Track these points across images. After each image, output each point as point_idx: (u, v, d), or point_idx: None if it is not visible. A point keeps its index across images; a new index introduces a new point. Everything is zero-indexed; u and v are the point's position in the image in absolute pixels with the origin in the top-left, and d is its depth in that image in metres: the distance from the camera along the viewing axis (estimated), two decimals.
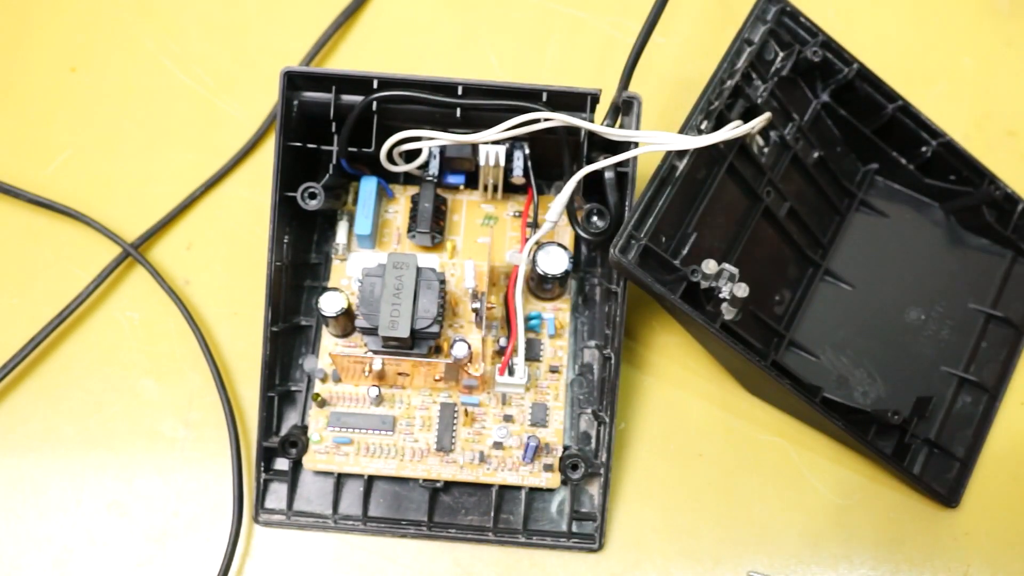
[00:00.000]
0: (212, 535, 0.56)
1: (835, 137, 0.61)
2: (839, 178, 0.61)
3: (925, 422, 0.58)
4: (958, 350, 0.60)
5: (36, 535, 0.56)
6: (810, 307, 0.59)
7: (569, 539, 0.56)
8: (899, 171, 0.61)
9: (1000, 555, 0.57)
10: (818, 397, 0.55)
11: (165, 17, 0.66)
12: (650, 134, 0.52)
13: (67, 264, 0.61)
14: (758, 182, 0.57)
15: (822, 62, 0.57)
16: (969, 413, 0.59)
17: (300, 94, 0.55)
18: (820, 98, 0.59)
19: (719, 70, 0.54)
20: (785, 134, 0.58)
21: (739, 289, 0.51)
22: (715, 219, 0.55)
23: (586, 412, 0.57)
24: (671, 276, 0.52)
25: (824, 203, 0.61)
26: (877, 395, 0.58)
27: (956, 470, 0.58)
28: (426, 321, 0.52)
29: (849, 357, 0.59)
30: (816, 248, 0.60)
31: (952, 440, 0.59)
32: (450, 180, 0.58)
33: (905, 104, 0.59)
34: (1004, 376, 0.60)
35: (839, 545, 0.57)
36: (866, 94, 0.59)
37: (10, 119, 0.64)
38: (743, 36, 0.55)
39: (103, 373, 0.59)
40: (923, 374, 0.59)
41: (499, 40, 0.66)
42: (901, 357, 0.59)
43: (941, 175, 0.61)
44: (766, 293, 0.58)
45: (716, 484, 0.58)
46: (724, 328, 0.52)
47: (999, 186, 0.60)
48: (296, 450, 0.55)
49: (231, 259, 0.61)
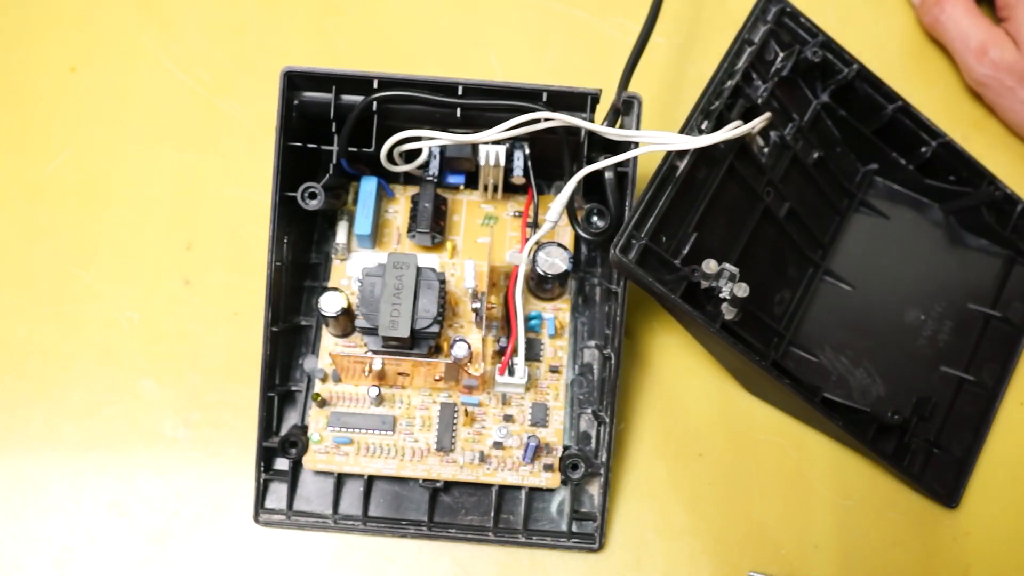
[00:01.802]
0: (212, 535, 0.56)
1: (835, 137, 0.61)
2: (839, 178, 0.61)
3: (925, 422, 0.58)
4: (958, 350, 0.60)
5: (36, 535, 0.56)
6: (810, 307, 0.59)
7: (569, 539, 0.56)
8: (899, 171, 0.61)
9: (1000, 555, 0.57)
10: (818, 397, 0.55)
11: (165, 17, 0.66)
12: (650, 134, 0.52)
13: (67, 264, 0.61)
14: (758, 182, 0.57)
15: (822, 62, 0.57)
16: (969, 413, 0.59)
17: (300, 94, 0.55)
18: (820, 98, 0.59)
19: (719, 70, 0.54)
20: (785, 134, 0.58)
21: (739, 289, 0.51)
22: (715, 219, 0.55)
23: (586, 412, 0.57)
24: (671, 276, 0.52)
25: (824, 203, 0.61)
26: (877, 395, 0.58)
27: (956, 470, 0.58)
28: (426, 321, 0.52)
29: (849, 357, 0.59)
30: (816, 248, 0.60)
31: (952, 440, 0.59)
32: (450, 180, 0.58)
33: (905, 104, 0.59)
34: (1003, 376, 0.60)
35: (839, 545, 0.57)
36: (866, 94, 0.59)
37: (10, 119, 0.64)
38: (743, 36, 0.55)
39: (103, 373, 0.59)
40: (923, 374, 0.59)
41: (499, 40, 0.66)
42: (901, 357, 0.59)
43: (941, 175, 0.61)
44: (766, 293, 0.58)
45: (716, 484, 0.58)
46: (724, 328, 0.52)
47: (998, 187, 0.60)
48: (296, 450, 0.55)
49: (231, 259, 0.61)
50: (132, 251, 0.61)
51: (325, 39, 0.66)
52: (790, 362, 0.57)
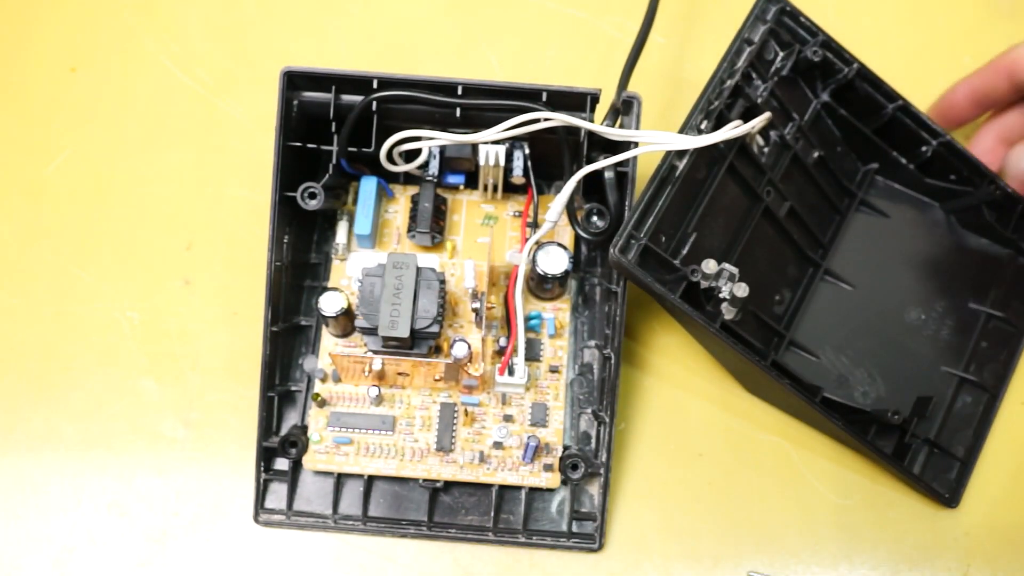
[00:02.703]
0: (212, 535, 0.56)
1: (835, 137, 0.61)
2: (839, 178, 0.61)
3: (925, 422, 0.58)
4: (958, 350, 0.60)
5: (36, 535, 0.56)
6: (810, 307, 0.59)
7: (569, 539, 0.56)
8: (899, 171, 0.61)
9: (1000, 555, 0.57)
10: (818, 397, 0.55)
11: (165, 17, 0.66)
12: (650, 134, 0.52)
13: (67, 264, 0.61)
14: (758, 182, 0.57)
15: (822, 62, 0.57)
16: (969, 413, 0.59)
17: (300, 94, 0.55)
18: (820, 98, 0.59)
19: (719, 70, 0.54)
20: (785, 134, 0.58)
21: (739, 289, 0.51)
22: (715, 219, 0.55)
23: (586, 412, 0.57)
24: (671, 276, 0.52)
25: (824, 203, 0.61)
26: (877, 395, 0.58)
27: (956, 470, 0.58)
28: (426, 321, 0.52)
29: (849, 357, 0.59)
30: (816, 248, 0.60)
31: (952, 440, 0.59)
32: (450, 180, 0.58)
33: (905, 104, 0.59)
34: (1004, 376, 0.60)
35: (839, 545, 0.57)
36: (866, 94, 0.59)
37: (10, 119, 0.64)
38: (743, 36, 0.55)
39: (103, 373, 0.59)
40: (923, 374, 0.59)
41: (499, 40, 0.66)
42: (901, 357, 0.59)
43: (941, 175, 0.61)
44: (766, 293, 0.58)
45: (716, 484, 0.58)
46: (724, 328, 0.52)
47: (999, 186, 0.59)
48: (296, 450, 0.55)
49: (231, 259, 0.61)
50: (132, 251, 0.61)
51: (325, 39, 0.66)
52: (790, 362, 0.57)
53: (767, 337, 0.57)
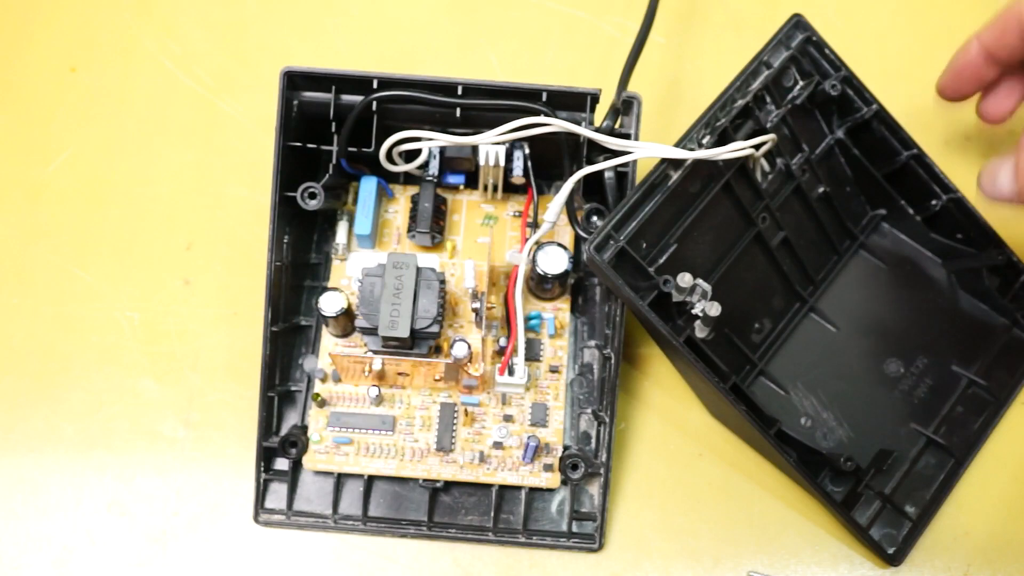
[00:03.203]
0: (212, 535, 0.56)
1: (846, 176, 0.59)
2: (843, 218, 0.59)
3: (882, 475, 0.56)
4: (931, 410, 0.58)
5: (36, 535, 0.56)
6: (789, 341, 0.58)
7: (569, 539, 0.56)
8: (906, 220, 0.60)
9: (1000, 555, 0.57)
10: (774, 429, 0.53)
11: (165, 17, 0.66)
12: (647, 145, 0.51)
13: (67, 264, 0.61)
14: (754, 206, 0.55)
15: (840, 97, 0.56)
16: (931, 475, 0.57)
17: (300, 94, 0.55)
18: (835, 133, 0.58)
19: (731, 87, 0.53)
20: (791, 163, 0.57)
21: (711, 307, 0.50)
22: (702, 235, 0.54)
23: (586, 412, 0.57)
24: (644, 283, 0.51)
25: (824, 240, 0.59)
26: (839, 440, 0.57)
27: (906, 529, 0.56)
28: (426, 321, 0.52)
29: (819, 398, 0.57)
30: (807, 284, 0.59)
31: (907, 498, 0.56)
32: (450, 180, 0.58)
33: (920, 153, 0.57)
34: (974, 445, 0.58)
35: (839, 545, 0.57)
36: (882, 136, 0.57)
37: (10, 119, 0.64)
38: (762, 58, 0.54)
39: (103, 373, 0.59)
40: (891, 428, 0.57)
41: (499, 40, 0.66)
42: (872, 407, 0.58)
43: (948, 231, 0.59)
44: (746, 319, 0.57)
45: (716, 484, 0.58)
46: (689, 344, 0.51)
47: (1004, 252, 0.58)
48: (296, 450, 0.55)
49: (231, 259, 0.61)
50: (132, 251, 0.61)
51: (325, 39, 0.66)
52: (757, 392, 0.56)
53: (738, 363, 0.56)
